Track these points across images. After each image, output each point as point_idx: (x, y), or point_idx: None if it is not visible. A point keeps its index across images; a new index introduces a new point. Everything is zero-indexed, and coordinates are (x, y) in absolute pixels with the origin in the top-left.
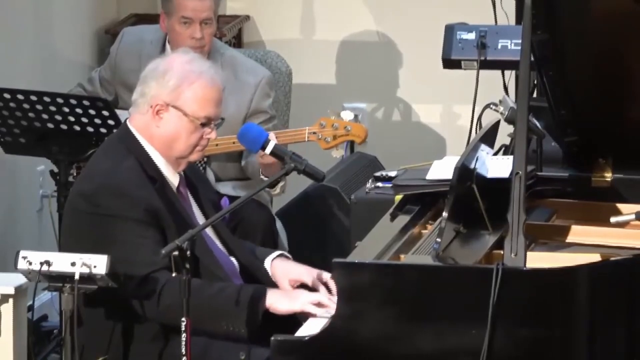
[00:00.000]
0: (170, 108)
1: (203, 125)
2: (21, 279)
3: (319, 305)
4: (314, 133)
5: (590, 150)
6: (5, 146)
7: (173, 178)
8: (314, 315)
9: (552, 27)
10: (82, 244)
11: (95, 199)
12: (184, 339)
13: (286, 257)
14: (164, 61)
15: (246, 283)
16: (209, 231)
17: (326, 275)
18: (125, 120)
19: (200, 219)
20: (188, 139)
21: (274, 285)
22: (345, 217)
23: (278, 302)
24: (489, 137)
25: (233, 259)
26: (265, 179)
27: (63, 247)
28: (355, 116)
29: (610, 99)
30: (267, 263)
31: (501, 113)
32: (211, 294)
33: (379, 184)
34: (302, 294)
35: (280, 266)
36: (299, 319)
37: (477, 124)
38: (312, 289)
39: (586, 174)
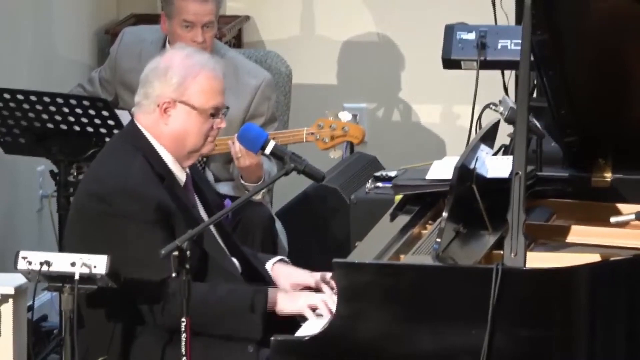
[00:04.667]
0: (177, 104)
1: (212, 115)
2: (21, 279)
3: (315, 310)
4: (312, 134)
5: (590, 150)
6: (5, 146)
7: (181, 175)
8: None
9: (552, 27)
10: (92, 246)
11: (109, 200)
12: (184, 338)
13: (286, 262)
14: (163, 59)
15: (248, 283)
16: (213, 231)
17: (329, 276)
18: (131, 120)
19: (205, 218)
20: (199, 131)
21: (276, 286)
22: (345, 217)
23: (280, 303)
24: (488, 137)
25: (235, 260)
26: (245, 183)
27: (68, 250)
28: (354, 117)
29: (610, 99)
30: (268, 266)
31: (501, 113)
32: (215, 300)
33: (379, 184)
34: (301, 296)
35: (282, 270)
36: (298, 319)
37: (477, 124)
38: (317, 291)
39: (586, 174)
